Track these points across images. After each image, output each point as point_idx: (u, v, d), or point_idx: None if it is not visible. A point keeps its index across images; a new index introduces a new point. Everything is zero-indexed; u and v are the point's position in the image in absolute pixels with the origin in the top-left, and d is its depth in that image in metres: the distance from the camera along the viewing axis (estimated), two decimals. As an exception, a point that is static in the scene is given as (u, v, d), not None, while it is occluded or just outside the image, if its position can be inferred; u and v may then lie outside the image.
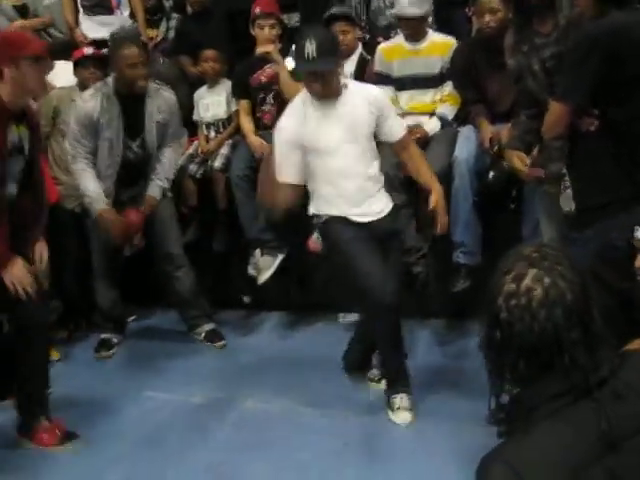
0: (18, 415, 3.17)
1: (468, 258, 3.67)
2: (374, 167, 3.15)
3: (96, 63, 4.12)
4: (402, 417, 3.12)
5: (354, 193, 3.08)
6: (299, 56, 2.97)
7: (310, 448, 2.96)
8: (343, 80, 3.08)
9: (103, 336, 4.09)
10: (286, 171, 3.05)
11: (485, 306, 1.40)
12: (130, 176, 3.85)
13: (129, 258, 4.12)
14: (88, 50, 4.25)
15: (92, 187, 3.73)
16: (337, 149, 3.02)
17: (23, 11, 4.95)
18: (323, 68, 2.92)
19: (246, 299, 4.23)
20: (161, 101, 3.84)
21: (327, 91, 2.99)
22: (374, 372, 3.39)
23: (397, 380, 3.17)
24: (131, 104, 3.75)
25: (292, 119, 3.07)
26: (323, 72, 2.93)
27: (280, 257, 3.90)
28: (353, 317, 3.96)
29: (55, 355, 3.92)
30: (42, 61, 2.92)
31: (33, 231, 3.19)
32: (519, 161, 3.21)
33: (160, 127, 3.84)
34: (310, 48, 2.89)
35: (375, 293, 2.97)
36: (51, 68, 3.14)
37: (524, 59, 2.84)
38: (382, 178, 3.22)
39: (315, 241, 3.73)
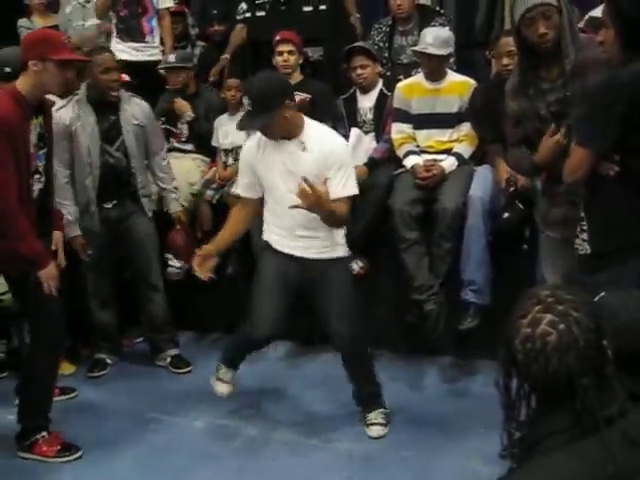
0: (19, 425, 3.19)
1: (477, 297, 3.67)
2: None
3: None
4: (375, 430, 3.25)
5: (293, 227, 3.12)
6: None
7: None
8: (305, 123, 3.06)
9: (97, 356, 4.11)
10: (241, 185, 3.23)
11: (502, 346, 1.46)
12: (113, 186, 3.87)
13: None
14: (126, 77, 4.35)
15: (71, 210, 3.79)
16: (278, 187, 3.07)
17: (54, 32, 5.05)
18: (253, 128, 3.06)
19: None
20: (135, 107, 3.91)
21: (272, 137, 3.04)
22: (370, 415, 3.32)
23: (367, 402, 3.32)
24: (105, 110, 3.82)
25: (254, 144, 3.16)
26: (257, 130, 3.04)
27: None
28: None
29: (69, 368, 3.99)
30: (67, 68, 3.06)
31: (54, 222, 3.33)
32: None
33: (139, 131, 3.89)
34: (247, 102, 3.03)
35: (255, 325, 3.18)
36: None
37: (528, 103, 2.87)
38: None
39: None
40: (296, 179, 2.91)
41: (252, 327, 3.20)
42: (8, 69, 3.50)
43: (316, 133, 3.06)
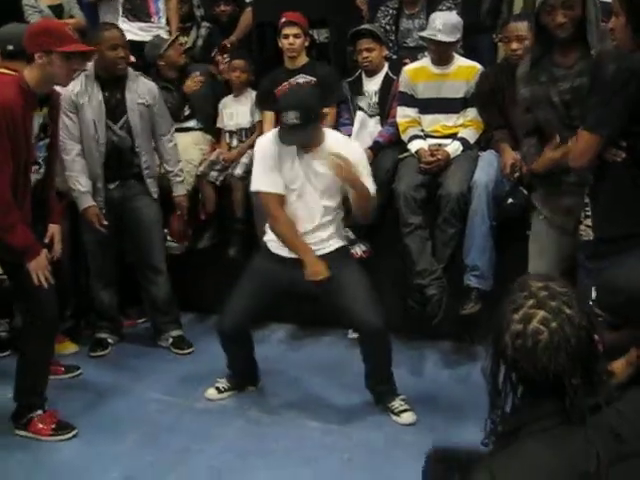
0: (15, 403, 3.22)
1: (480, 282, 3.66)
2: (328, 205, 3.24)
3: None
4: (407, 417, 3.25)
5: (305, 227, 3.21)
6: (282, 123, 3.12)
7: (312, 461, 2.96)
8: (325, 132, 3.22)
9: (98, 335, 4.12)
10: (271, 183, 3.22)
11: (492, 338, 1.44)
12: (117, 165, 3.86)
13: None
14: (132, 57, 4.33)
15: (82, 181, 3.77)
16: (299, 186, 3.18)
17: (59, 11, 5.02)
18: (308, 141, 3.11)
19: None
20: (141, 86, 3.90)
21: (305, 148, 3.15)
22: (394, 403, 3.33)
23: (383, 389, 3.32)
24: (112, 87, 3.81)
25: (270, 139, 3.23)
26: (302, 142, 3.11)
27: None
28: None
29: (71, 347, 4.02)
30: (73, 59, 3.01)
31: (50, 214, 3.31)
32: None
33: (143, 110, 3.87)
34: (292, 115, 3.04)
35: (221, 319, 3.34)
36: (83, 67, 3.22)
37: (540, 90, 2.84)
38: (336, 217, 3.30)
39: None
40: (317, 182, 3.15)
41: (221, 317, 3.33)
42: (10, 47, 3.46)
43: (332, 139, 3.22)
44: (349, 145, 3.26)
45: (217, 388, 3.49)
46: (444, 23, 3.83)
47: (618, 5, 2.40)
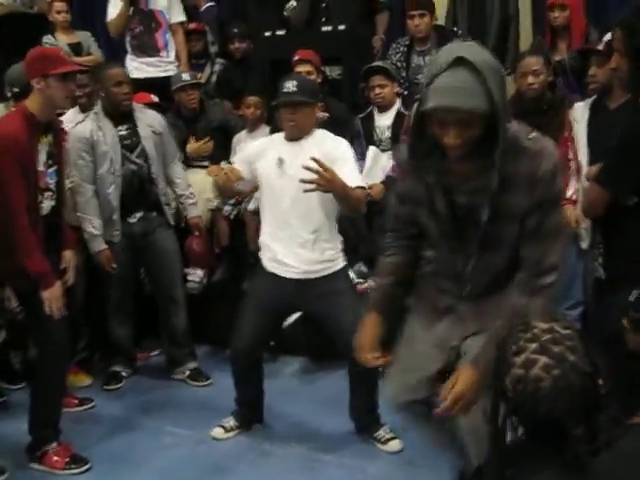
0: (30, 436, 3.22)
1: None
2: (320, 220, 3.18)
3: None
4: (394, 445, 3.28)
5: (295, 238, 3.18)
6: (279, 92, 3.14)
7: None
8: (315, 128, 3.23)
9: (112, 369, 4.14)
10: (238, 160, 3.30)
11: (492, 377, 1.42)
12: (137, 195, 3.91)
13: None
14: (155, 98, 4.41)
15: (95, 224, 3.82)
16: (284, 191, 3.13)
17: (78, 49, 5.14)
18: (297, 99, 3.08)
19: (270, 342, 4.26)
20: (150, 116, 4.00)
21: (295, 130, 3.14)
22: (380, 433, 3.34)
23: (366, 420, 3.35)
24: (121, 120, 3.88)
25: (263, 142, 3.33)
26: (299, 104, 3.08)
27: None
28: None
29: (85, 380, 4.04)
30: (69, 79, 3.12)
31: (64, 241, 3.36)
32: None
33: (155, 138, 3.95)
34: (290, 84, 3.09)
35: (232, 343, 3.35)
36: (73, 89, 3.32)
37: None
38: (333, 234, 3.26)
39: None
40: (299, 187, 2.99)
41: (232, 340, 3.34)
42: (16, 89, 3.59)
43: (319, 134, 3.21)
44: (335, 140, 3.21)
45: (223, 427, 3.46)
46: None
47: (622, 45, 2.41)
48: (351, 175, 3.05)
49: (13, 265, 2.99)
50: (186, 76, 4.56)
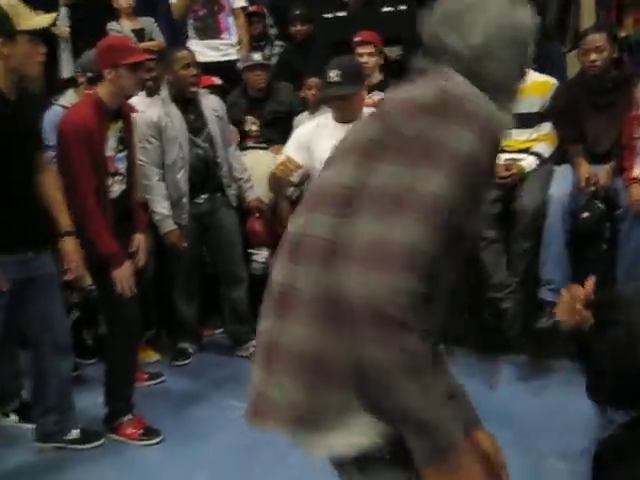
0: (105, 408, 3.38)
1: (555, 296, 3.65)
2: None
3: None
4: None
5: None
6: (325, 82, 3.21)
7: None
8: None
9: (180, 345, 4.26)
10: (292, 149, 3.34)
11: (614, 351, 1.44)
12: (203, 178, 4.01)
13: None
14: (218, 80, 4.49)
15: (164, 205, 3.92)
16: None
17: (141, 34, 5.25)
18: (341, 93, 3.13)
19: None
20: (212, 100, 4.09)
21: (346, 115, 3.18)
22: None
23: None
24: (187, 105, 3.96)
25: (312, 124, 3.41)
26: (343, 97, 3.12)
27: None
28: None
29: (153, 356, 4.17)
30: (139, 68, 3.26)
31: (135, 225, 3.48)
32: None
33: (218, 122, 4.04)
34: (334, 73, 3.13)
35: None
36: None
37: None
38: None
39: None
40: None
41: None
42: (90, 74, 3.73)
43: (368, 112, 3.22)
44: None
45: None
46: None
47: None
48: None
49: (86, 245, 3.12)
50: (257, 56, 4.66)
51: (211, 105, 4.04)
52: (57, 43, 5.96)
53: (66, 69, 5.91)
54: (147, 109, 3.94)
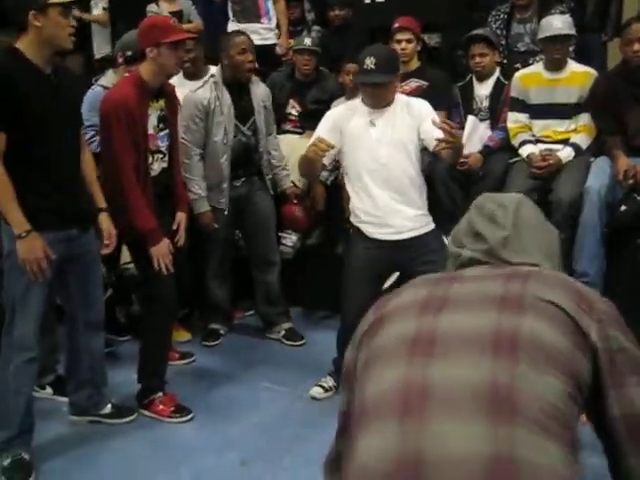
0: (139, 385, 3.43)
1: (589, 289, 3.64)
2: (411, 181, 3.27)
3: None
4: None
5: (387, 204, 3.24)
6: (359, 69, 3.20)
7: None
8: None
9: (211, 326, 4.30)
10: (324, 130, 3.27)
11: None
12: (245, 163, 4.04)
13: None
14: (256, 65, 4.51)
15: (201, 185, 3.94)
16: (374, 155, 3.21)
17: (179, 16, 5.26)
18: (377, 80, 3.13)
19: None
20: (262, 89, 4.11)
21: (379, 102, 3.20)
22: None
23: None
24: (238, 91, 3.97)
25: (343, 108, 3.40)
26: (377, 84, 3.13)
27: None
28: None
29: (185, 335, 4.21)
30: (180, 47, 3.28)
31: (178, 203, 3.52)
32: None
33: (264, 112, 4.07)
34: (369, 61, 3.11)
35: (345, 310, 3.40)
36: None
37: None
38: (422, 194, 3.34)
39: None
40: (395, 145, 3.18)
41: (342, 317, 3.41)
42: (129, 52, 3.79)
43: (401, 98, 3.30)
44: (419, 102, 3.31)
45: (322, 386, 3.55)
46: (563, 21, 3.88)
47: None
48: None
49: (124, 220, 3.17)
50: (307, 41, 4.67)
51: (260, 94, 4.06)
52: (89, 25, 6.05)
53: (99, 52, 5.99)
54: (196, 91, 3.94)
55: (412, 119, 3.20)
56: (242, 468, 2.96)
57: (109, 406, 3.32)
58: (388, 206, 3.24)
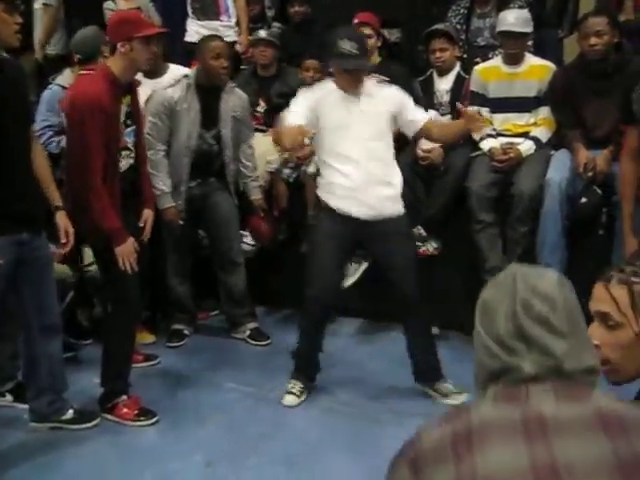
0: (101, 388, 3.37)
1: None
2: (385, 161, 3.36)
3: None
4: (456, 398, 3.36)
5: (366, 182, 3.28)
6: (338, 51, 3.19)
7: (386, 452, 2.99)
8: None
9: (175, 327, 4.25)
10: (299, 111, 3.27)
11: None
12: (201, 169, 4.00)
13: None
14: None
15: (165, 182, 3.90)
16: (352, 136, 3.25)
17: (135, 13, 5.20)
18: (364, 67, 3.23)
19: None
20: (236, 98, 4.04)
21: (355, 87, 3.25)
22: (445, 386, 3.44)
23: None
24: (209, 97, 3.92)
25: (319, 89, 3.40)
26: (360, 70, 3.20)
27: (365, 265, 3.99)
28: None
29: (149, 338, 4.15)
30: (152, 42, 3.23)
31: (144, 200, 3.47)
32: None
33: (235, 122, 4.01)
34: (350, 45, 3.14)
35: (312, 286, 3.40)
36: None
37: None
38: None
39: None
40: (372, 124, 3.25)
41: (309, 287, 3.41)
42: (79, 56, 3.70)
43: (369, 82, 3.40)
44: (387, 86, 3.45)
45: (293, 393, 3.47)
46: (517, 17, 3.90)
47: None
48: (418, 111, 3.41)
49: (89, 222, 3.11)
50: (262, 33, 4.67)
51: (232, 104, 4.01)
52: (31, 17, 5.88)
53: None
54: (168, 89, 3.89)
55: (384, 102, 3.29)
56: (207, 470, 2.94)
57: (71, 411, 3.25)
58: (363, 183, 3.26)
